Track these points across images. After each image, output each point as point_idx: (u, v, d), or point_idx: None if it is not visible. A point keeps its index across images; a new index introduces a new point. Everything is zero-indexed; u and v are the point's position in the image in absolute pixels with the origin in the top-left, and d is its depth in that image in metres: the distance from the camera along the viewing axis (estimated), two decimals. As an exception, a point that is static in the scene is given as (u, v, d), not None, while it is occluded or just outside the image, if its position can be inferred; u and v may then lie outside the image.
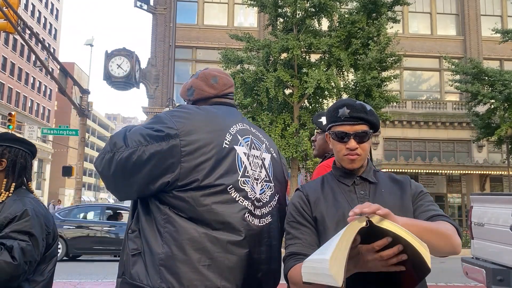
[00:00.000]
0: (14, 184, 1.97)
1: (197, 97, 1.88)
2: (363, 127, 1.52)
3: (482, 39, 24.26)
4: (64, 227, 11.94)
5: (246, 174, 1.66)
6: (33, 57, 48.37)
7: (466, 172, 21.95)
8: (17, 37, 36.61)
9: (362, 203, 1.49)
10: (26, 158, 2.05)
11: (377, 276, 1.28)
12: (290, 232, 1.53)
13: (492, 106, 17.64)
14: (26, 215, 1.83)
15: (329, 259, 1.09)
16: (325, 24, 16.40)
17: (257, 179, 1.70)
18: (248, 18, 23.83)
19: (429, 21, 24.89)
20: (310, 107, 16.05)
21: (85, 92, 17.80)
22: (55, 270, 1.97)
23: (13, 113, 21.26)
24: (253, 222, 1.63)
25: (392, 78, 15.18)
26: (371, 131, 1.55)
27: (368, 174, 1.58)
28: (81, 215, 13.28)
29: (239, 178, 1.63)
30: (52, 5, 59.01)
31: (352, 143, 1.51)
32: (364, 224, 1.16)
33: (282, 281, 1.87)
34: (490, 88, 17.52)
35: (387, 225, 1.18)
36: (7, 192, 1.94)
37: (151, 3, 23.05)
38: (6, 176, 1.96)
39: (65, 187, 64.92)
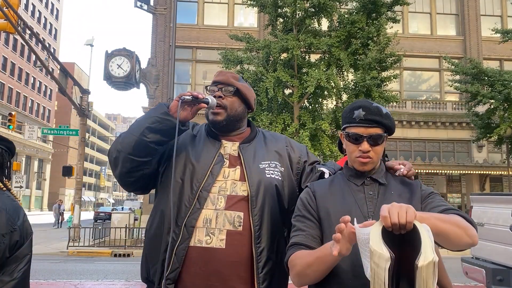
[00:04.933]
0: None
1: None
2: (378, 130, 1.52)
3: (482, 39, 24.25)
4: None
5: None
6: (33, 57, 48.38)
7: (466, 172, 21.96)
8: (17, 37, 36.62)
9: (370, 203, 1.51)
10: (3, 155, 1.95)
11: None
12: (295, 225, 1.57)
13: (492, 106, 17.63)
14: None
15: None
16: (325, 24, 16.39)
17: None
18: (248, 18, 23.83)
19: (429, 21, 24.89)
20: (310, 107, 16.04)
21: (85, 92, 17.79)
22: (30, 269, 1.85)
23: (13, 113, 21.28)
24: None
25: (392, 78, 15.18)
26: (385, 134, 1.55)
27: (379, 175, 1.58)
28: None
29: None
30: (52, 5, 59.03)
31: (365, 145, 1.51)
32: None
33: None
34: (489, 88, 17.51)
35: (421, 230, 1.19)
36: None
37: (151, 3, 23.04)
38: None
39: (65, 187, 64.93)
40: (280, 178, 1.79)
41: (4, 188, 1.89)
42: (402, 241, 1.23)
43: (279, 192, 1.77)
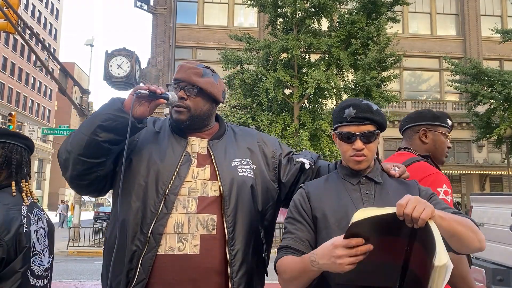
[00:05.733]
0: (5, 182, 1.77)
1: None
2: (370, 127, 1.51)
3: (482, 39, 24.26)
4: None
5: None
6: (33, 57, 48.37)
7: (466, 172, 21.97)
8: (17, 37, 36.62)
9: (366, 202, 1.50)
10: (22, 154, 1.84)
11: None
12: (286, 227, 1.56)
13: (492, 106, 17.65)
14: None
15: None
16: (325, 24, 16.40)
17: None
18: (248, 18, 23.83)
19: (429, 21, 24.89)
20: (310, 107, 16.06)
21: (85, 92, 17.78)
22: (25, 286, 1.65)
23: (13, 113, 21.25)
24: None
25: (392, 78, 15.19)
26: (378, 131, 1.54)
27: (374, 174, 1.57)
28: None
29: None
30: (52, 5, 59.01)
31: (359, 143, 1.50)
32: None
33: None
34: (489, 88, 17.53)
35: (435, 232, 1.18)
36: None
37: (151, 3, 23.04)
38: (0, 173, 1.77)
39: (65, 187, 64.93)
40: (252, 176, 1.69)
41: (14, 193, 1.76)
42: (414, 237, 1.24)
43: (253, 190, 1.67)
